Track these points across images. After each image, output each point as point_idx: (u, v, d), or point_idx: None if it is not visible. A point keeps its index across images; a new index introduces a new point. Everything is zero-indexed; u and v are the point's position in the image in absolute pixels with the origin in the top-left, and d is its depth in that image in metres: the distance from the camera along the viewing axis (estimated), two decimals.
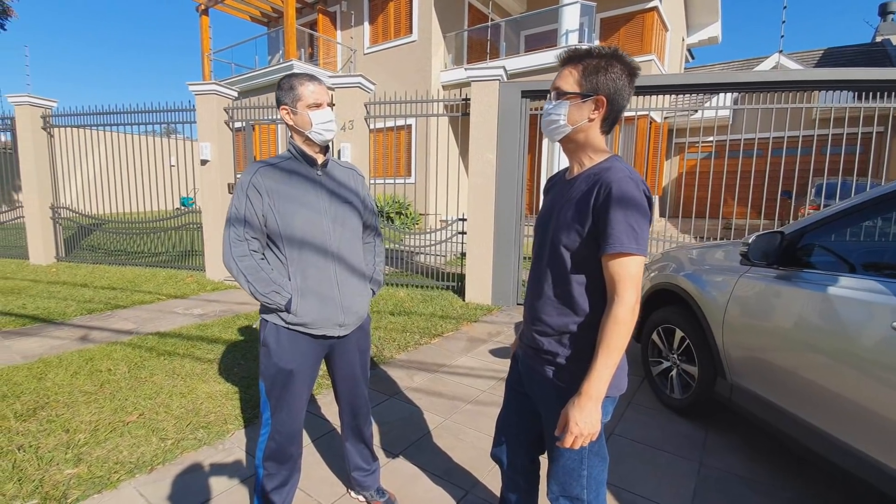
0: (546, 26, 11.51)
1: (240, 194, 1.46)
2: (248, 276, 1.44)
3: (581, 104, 1.15)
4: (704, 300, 2.44)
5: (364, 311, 1.68)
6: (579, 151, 1.21)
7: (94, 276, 6.34)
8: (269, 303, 1.47)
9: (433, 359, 3.55)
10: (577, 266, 1.15)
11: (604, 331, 1.07)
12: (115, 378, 3.07)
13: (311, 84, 1.50)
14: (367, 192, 1.75)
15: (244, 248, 1.45)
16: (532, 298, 1.28)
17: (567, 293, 1.17)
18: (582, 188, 1.14)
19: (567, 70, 1.17)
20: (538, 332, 1.24)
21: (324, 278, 1.53)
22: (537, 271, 1.26)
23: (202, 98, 5.93)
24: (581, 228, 1.12)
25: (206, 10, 12.92)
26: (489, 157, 4.96)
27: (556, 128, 1.19)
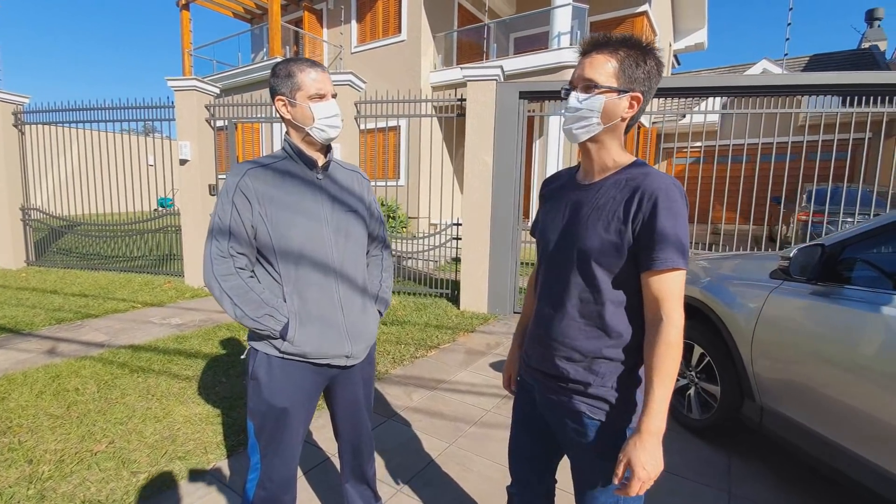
0: (535, 29, 11.41)
1: (224, 201, 1.23)
2: (235, 297, 1.21)
3: (617, 100, 1.00)
4: (729, 315, 2.28)
5: (373, 336, 1.46)
6: (602, 153, 1.06)
7: (65, 281, 5.96)
8: (262, 329, 1.24)
9: (431, 374, 3.34)
10: (614, 284, 1.02)
11: (655, 357, 0.94)
12: (84, 399, 2.78)
13: (313, 71, 1.27)
14: (373, 198, 1.53)
15: (229, 265, 1.22)
16: (547, 318, 1.11)
17: (598, 314, 1.03)
18: (614, 195, 1.01)
19: (602, 57, 1.01)
20: (563, 358, 1.08)
21: (325, 300, 1.31)
22: (555, 287, 1.10)
23: (182, 94, 5.62)
24: (619, 242, 0.99)
25: (186, 5, 12.50)
26: (486, 160, 4.77)
27: (586, 126, 1.03)
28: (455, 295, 5.33)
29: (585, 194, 1.07)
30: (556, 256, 1.10)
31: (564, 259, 1.07)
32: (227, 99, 6.15)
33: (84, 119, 6.28)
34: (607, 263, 1.00)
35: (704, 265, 2.87)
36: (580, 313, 1.05)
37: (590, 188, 1.07)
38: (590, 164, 1.10)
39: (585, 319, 1.04)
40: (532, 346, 1.18)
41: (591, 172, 1.09)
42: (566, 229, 1.08)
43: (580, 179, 1.12)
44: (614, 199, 1.00)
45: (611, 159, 1.07)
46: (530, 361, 1.19)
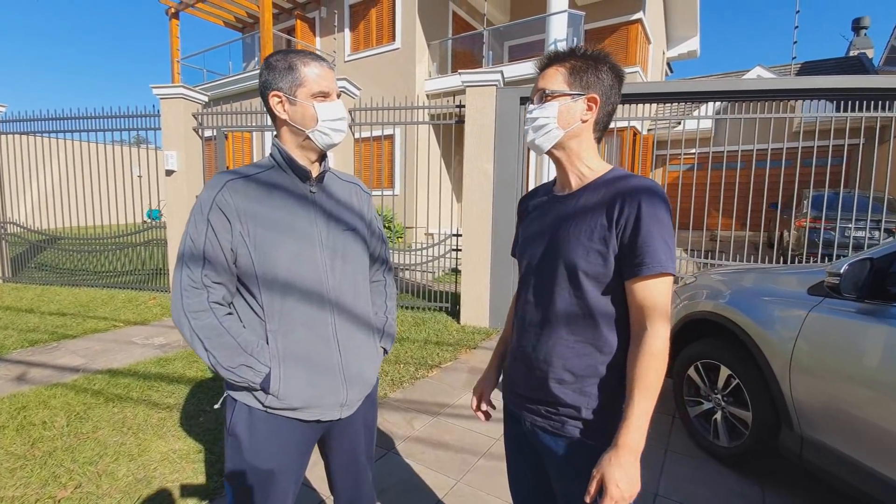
0: (531, 37, 11.34)
1: (198, 220, 1.01)
2: (207, 340, 0.99)
3: (572, 104, 1.01)
4: (762, 335, 2.08)
5: (374, 377, 1.24)
6: (574, 161, 1.05)
7: (42, 299, 5.67)
8: (238, 381, 1.02)
9: (433, 397, 3.11)
10: (603, 295, 0.98)
11: (637, 368, 0.91)
12: (51, 434, 2.52)
13: (317, 65, 1.07)
14: (374, 214, 1.32)
15: (202, 298, 1.00)
16: (533, 339, 1.06)
17: (589, 328, 0.99)
18: (592, 202, 0.99)
19: (552, 69, 1.04)
20: (553, 381, 1.02)
21: (318, 338, 1.09)
22: (541, 305, 1.05)
23: (168, 102, 5.40)
24: (604, 249, 0.95)
25: (176, 14, 12.31)
26: (486, 168, 4.59)
27: (545, 133, 1.03)
28: (455, 309, 5.11)
29: (564, 206, 1.05)
30: (541, 272, 1.05)
31: (549, 274, 1.03)
32: (216, 108, 5.94)
33: (64, 129, 6.03)
34: (595, 274, 0.96)
35: (721, 279, 2.68)
36: (569, 330, 1.00)
37: (568, 198, 1.05)
38: (564, 175, 1.08)
39: (576, 336, 0.99)
40: (517, 370, 1.11)
41: (568, 183, 1.07)
42: (549, 244, 1.04)
43: (557, 192, 1.10)
44: (595, 206, 0.98)
45: (585, 167, 1.05)
46: (516, 388, 1.12)
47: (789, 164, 9.84)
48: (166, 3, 12.10)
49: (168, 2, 11.98)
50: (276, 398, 1.04)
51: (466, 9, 11.74)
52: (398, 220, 9.03)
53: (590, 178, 1.03)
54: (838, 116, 4.31)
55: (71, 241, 6.67)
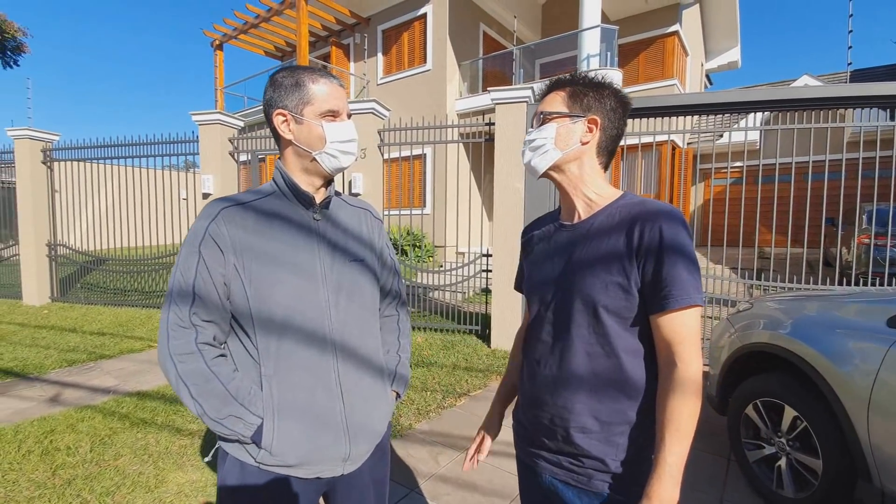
0: (562, 54, 11.24)
1: (189, 251, 0.92)
2: (193, 387, 0.88)
3: (570, 125, 0.98)
4: (835, 372, 1.81)
5: (382, 427, 1.10)
6: (579, 187, 1.00)
7: (86, 318, 5.87)
8: (227, 433, 0.91)
9: (461, 429, 2.92)
10: (627, 331, 0.90)
11: (669, 409, 0.83)
12: (73, 461, 2.50)
13: (326, 82, 0.99)
14: (386, 242, 1.20)
15: (189, 340, 0.89)
16: (550, 383, 0.96)
17: (613, 369, 0.90)
18: (607, 230, 0.93)
19: (552, 94, 1.02)
20: (575, 430, 0.93)
21: (319, 385, 0.97)
22: (557, 344, 0.96)
23: (206, 128, 5.57)
24: (625, 280, 0.88)
25: (220, 46, 12.94)
26: (517, 187, 4.44)
27: (542, 154, 0.99)
28: (485, 332, 4.92)
29: (575, 235, 0.98)
30: (555, 310, 0.97)
31: (565, 312, 0.94)
32: (251, 133, 6.09)
33: (110, 155, 6.33)
34: (616, 309, 0.89)
35: (780, 306, 2.41)
36: (591, 372, 0.91)
37: (578, 227, 0.98)
38: (570, 202, 1.02)
39: (599, 379, 0.91)
40: (531, 418, 1.02)
41: (575, 211, 1.01)
42: (562, 278, 0.97)
43: (564, 221, 1.03)
44: (611, 234, 0.91)
45: (592, 193, 0.99)
46: (531, 437, 1.03)
47: (844, 177, 9.19)
48: (211, 37, 12.75)
49: (213, 35, 12.62)
50: (270, 453, 0.92)
51: (497, 28, 11.79)
52: (428, 238, 8.97)
53: (600, 205, 0.97)
54: (886, 126, 3.96)
55: (116, 261, 6.93)
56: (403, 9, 10.83)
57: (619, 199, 0.97)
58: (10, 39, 12.61)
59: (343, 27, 11.79)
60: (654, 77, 11.13)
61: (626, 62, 11.31)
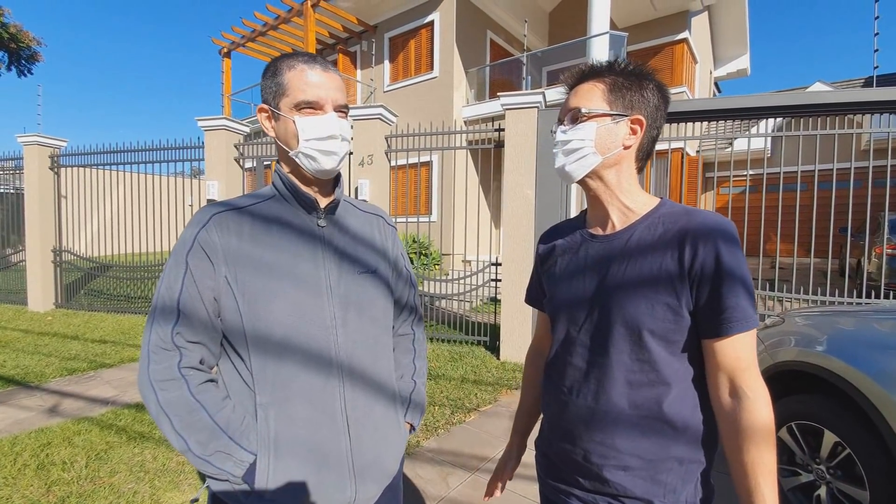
0: (569, 61, 11.16)
1: (176, 263, 0.82)
2: (176, 419, 0.77)
3: (612, 126, 0.86)
4: (881, 394, 1.67)
5: (395, 466, 0.97)
6: (616, 194, 0.89)
7: (88, 325, 5.79)
8: (213, 472, 0.80)
9: (471, 448, 2.79)
10: (675, 357, 0.80)
11: (748, 448, 0.73)
12: (68, 477, 2.39)
13: (304, 68, 0.86)
14: (401, 251, 1.08)
15: (171, 364, 0.78)
16: (583, 414, 0.86)
17: (657, 400, 0.80)
18: (650, 243, 0.82)
19: (588, 85, 0.88)
20: (615, 468, 0.82)
21: (322, 417, 0.85)
22: (592, 371, 0.85)
23: (211, 134, 5.52)
24: (674, 301, 0.78)
25: (228, 53, 13.01)
26: (527, 194, 4.33)
27: (579, 159, 0.87)
28: (495, 343, 4.78)
29: (609, 247, 0.87)
30: (588, 331, 0.87)
31: (601, 334, 0.84)
32: (257, 139, 6.04)
33: (115, 161, 6.29)
34: (664, 331, 0.79)
35: (809, 321, 2.27)
36: (632, 403, 0.81)
37: (613, 239, 0.88)
38: (602, 211, 0.91)
39: (639, 410, 0.81)
40: (559, 452, 0.91)
41: (607, 220, 0.90)
42: (597, 295, 0.86)
43: (595, 231, 0.92)
44: (656, 249, 0.81)
45: (629, 200, 0.89)
46: (560, 474, 0.92)
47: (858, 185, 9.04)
48: (219, 45, 12.81)
49: (221, 43, 12.68)
50: (262, 497, 0.80)
51: (504, 36, 11.76)
52: (434, 246, 8.87)
53: (637, 214, 0.88)
54: None
55: (120, 268, 6.87)
56: (410, 16, 10.83)
57: (657, 207, 0.87)
58: (25, 49, 12.75)
59: (350, 35, 11.80)
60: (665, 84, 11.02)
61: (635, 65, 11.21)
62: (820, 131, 4.04)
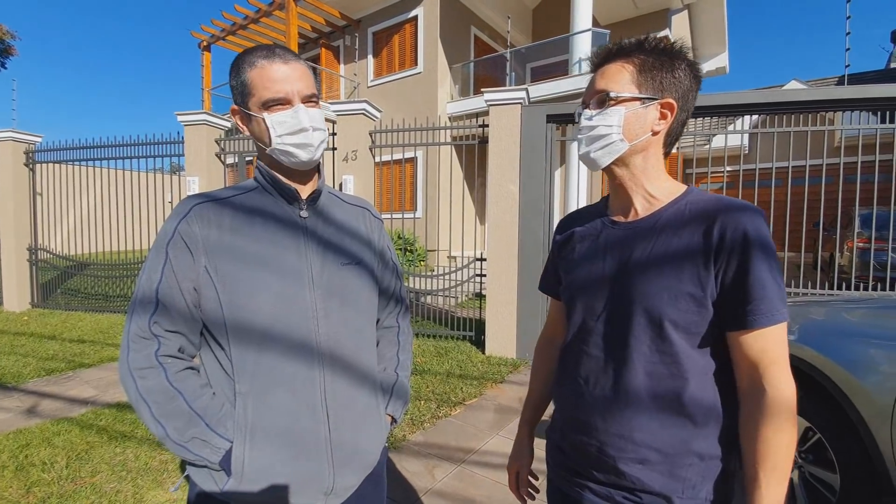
0: (553, 58, 11.24)
1: (156, 254, 0.82)
2: (155, 406, 0.78)
3: (641, 111, 0.81)
4: (851, 381, 1.74)
5: (375, 455, 0.98)
6: (640, 181, 0.85)
7: (66, 325, 5.67)
8: (190, 457, 0.81)
9: (457, 440, 2.82)
10: (697, 349, 0.77)
11: (762, 442, 0.71)
12: (49, 478, 2.35)
13: (265, 65, 0.84)
14: (388, 243, 1.09)
15: (149, 352, 0.79)
16: (600, 404, 0.83)
17: (677, 392, 0.77)
18: (674, 231, 0.79)
19: (615, 66, 0.83)
20: (632, 461, 0.79)
21: (302, 406, 0.85)
22: (609, 361, 0.82)
23: (191, 129, 5.42)
24: (699, 291, 0.75)
25: (207, 47, 12.76)
26: (511, 189, 4.36)
27: (606, 146, 0.82)
28: (480, 338, 4.82)
29: (631, 235, 0.84)
30: (606, 320, 0.84)
31: (622, 326, 0.81)
32: (239, 134, 5.95)
33: (93, 157, 6.14)
34: (686, 322, 0.76)
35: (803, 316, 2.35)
36: (651, 394, 0.78)
37: (636, 226, 0.84)
38: (626, 198, 0.87)
39: (661, 403, 0.78)
40: (574, 444, 0.88)
41: (630, 208, 0.87)
42: (617, 283, 0.83)
43: (616, 218, 0.89)
44: (682, 236, 0.78)
45: (654, 188, 0.85)
46: (573, 466, 0.89)
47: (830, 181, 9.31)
48: (199, 38, 12.56)
49: (200, 36, 12.43)
50: (238, 482, 0.81)
51: (488, 32, 11.78)
52: (420, 242, 8.87)
53: (662, 201, 0.84)
54: (885, 128, 3.96)
55: (98, 266, 6.72)
56: (394, 11, 10.77)
57: (684, 194, 0.84)
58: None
59: (333, 29, 11.68)
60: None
61: None
62: (794, 128, 4.13)
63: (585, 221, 0.95)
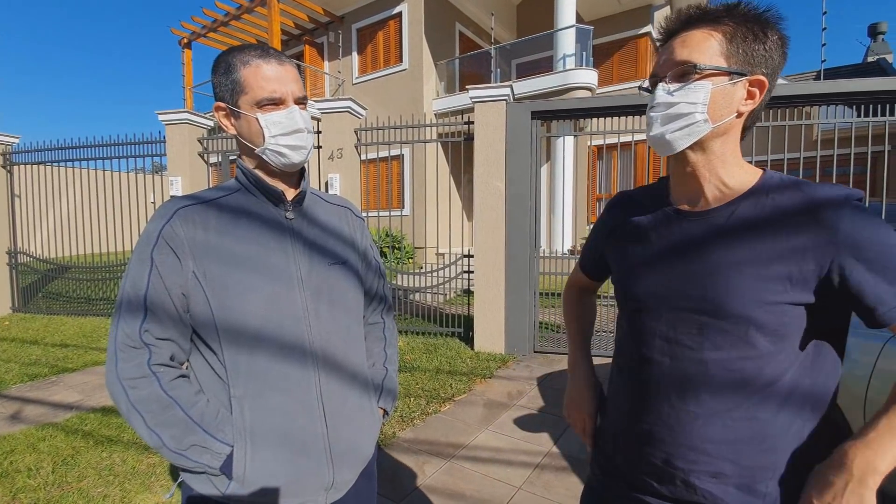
0: (537, 54, 11.29)
1: (140, 259, 0.81)
2: (149, 416, 0.78)
3: (729, 87, 0.71)
4: None
5: (370, 449, 1.00)
6: (716, 169, 0.75)
7: (48, 329, 5.57)
8: (192, 466, 0.81)
9: (447, 436, 2.85)
10: (785, 354, 0.69)
11: None
12: (34, 484, 2.32)
13: (260, 63, 0.85)
14: (370, 243, 1.10)
15: (141, 362, 0.78)
16: (660, 413, 0.76)
17: (759, 400, 0.70)
18: (763, 225, 0.70)
19: (700, 33, 0.72)
20: (704, 474, 0.73)
21: (298, 405, 0.87)
22: (673, 367, 0.75)
23: (173, 128, 5.35)
24: (793, 291, 0.67)
25: (188, 44, 12.56)
26: (498, 186, 4.39)
27: (687, 126, 0.72)
28: (468, 334, 4.86)
29: (706, 228, 0.75)
30: (675, 322, 0.75)
31: (692, 326, 0.73)
32: (222, 133, 5.88)
33: (73, 157, 6.02)
34: (775, 325, 0.68)
35: None
36: (728, 404, 0.71)
37: (710, 217, 0.75)
38: (695, 186, 0.77)
39: (738, 412, 0.70)
40: (632, 454, 0.81)
41: (700, 195, 0.77)
42: (689, 281, 0.74)
43: (682, 206, 0.80)
44: (767, 231, 0.69)
45: (729, 176, 0.75)
46: (628, 475, 0.82)
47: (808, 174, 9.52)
48: (179, 35, 12.35)
49: (180, 33, 12.23)
50: (241, 485, 0.82)
51: (473, 29, 11.78)
52: (407, 240, 8.88)
53: (738, 190, 0.75)
54: (860, 122, 4.07)
55: (79, 269, 6.61)
56: (378, 7, 10.71)
57: (762, 181, 0.75)
58: None
59: (316, 25, 11.58)
60: (628, 77, 11.29)
61: (601, 62, 11.43)
62: (773, 123, 4.22)
63: (644, 206, 0.86)
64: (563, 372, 4.01)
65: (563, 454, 2.60)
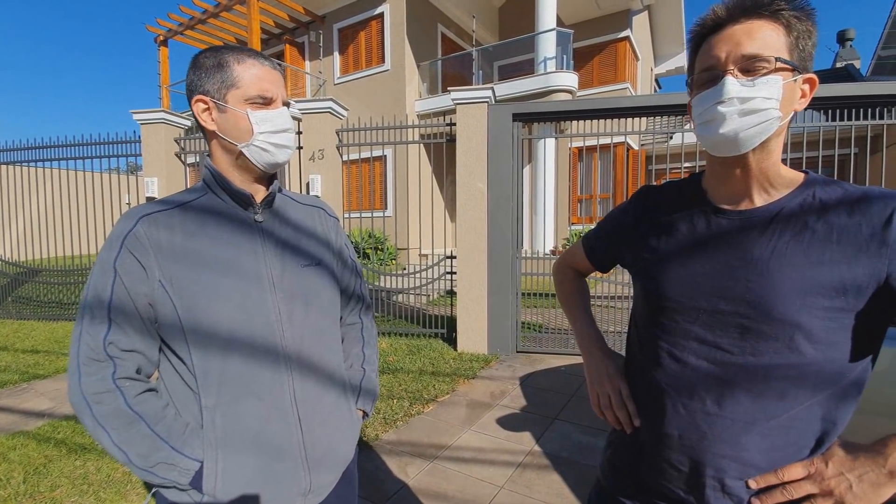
0: (519, 56, 11.39)
1: (103, 269, 0.79)
2: (115, 432, 0.75)
3: (792, 84, 0.67)
4: None
5: (350, 452, 1.00)
6: (767, 168, 0.72)
7: (18, 335, 5.38)
8: (157, 482, 0.79)
9: (429, 437, 2.85)
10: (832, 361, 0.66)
11: None
12: (5, 494, 2.25)
13: (254, 63, 0.86)
14: (345, 241, 1.10)
15: (105, 376, 0.76)
16: (694, 420, 0.72)
17: (802, 408, 0.67)
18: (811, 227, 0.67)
19: (766, 25, 0.67)
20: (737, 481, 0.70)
21: (272, 411, 0.85)
22: (708, 373, 0.71)
23: (149, 128, 5.23)
24: (846, 298, 0.64)
25: (164, 42, 12.29)
26: (480, 187, 4.42)
27: (761, 123, 0.67)
28: (451, 335, 4.87)
29: (749, 227, 0.72)
30: (712, 325, 0.71)
31: (732, 330, 0.70)
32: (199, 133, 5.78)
33: (43, 157, 5.84)
34: (823, 331, 0.65)
35: None
36: (767, 412, 0.68)
37: (753, 217, 0.72)
38: (742, 186, 0.74)
39: (776, 421, 0.68)
40: (657, 460, 0.78)
41: (746, 195, 0.74)
42: (731, 284, 0.70)
43: (722, 204, 0.76)
44: (818, 233, 0.67)
45: (775, 175, 0.72)
46: (654, 486, 0.79)
47: None
48: (155, 32, 12.08)
49: (156, 30, 11.96)
50: (214, 497, 0.81)
51: (455, 30, 11.82)
52: (390, 241, 8.85)
53: (782, 191, 0.72)
54: (828, 126, 4.23)
55: (50, 273, 6.41)
56: (359, 7, 10.66)
57: (805, 183, 0.72)
58: None
59: (297, 25, 11.46)
60: (608, 80, 11.48)
61: (581, 66, 11.59)
62: None
63: (675, 204, 0.82)
64: (545, 371, 4.06)
65: (545, 453, 2.63)
